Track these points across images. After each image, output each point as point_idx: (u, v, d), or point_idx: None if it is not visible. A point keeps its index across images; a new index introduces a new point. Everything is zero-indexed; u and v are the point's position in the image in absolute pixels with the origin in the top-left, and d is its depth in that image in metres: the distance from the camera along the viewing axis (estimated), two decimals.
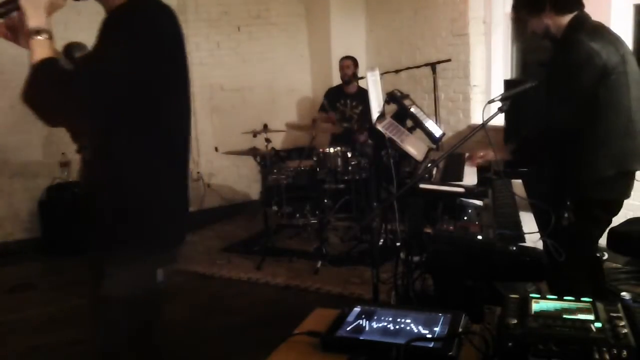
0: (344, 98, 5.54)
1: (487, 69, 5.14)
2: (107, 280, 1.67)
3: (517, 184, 2.78)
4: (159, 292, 1.78)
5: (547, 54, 2.70)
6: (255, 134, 4.73)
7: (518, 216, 2.24)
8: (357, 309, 1.46)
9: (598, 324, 1.17)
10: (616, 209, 2.60)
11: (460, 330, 1.30)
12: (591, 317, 1.21)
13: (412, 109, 3.16)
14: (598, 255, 2.86)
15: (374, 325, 1.37)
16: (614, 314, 1.21)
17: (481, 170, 2.72)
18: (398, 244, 2.81)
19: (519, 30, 2.66)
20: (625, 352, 1.09)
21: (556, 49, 2.60)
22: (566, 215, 2.37)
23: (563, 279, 2.49)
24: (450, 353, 1.22)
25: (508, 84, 4.30)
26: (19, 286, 4.30)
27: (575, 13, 2.52)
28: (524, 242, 1.91)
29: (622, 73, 2.42)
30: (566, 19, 2.52)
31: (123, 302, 1.66)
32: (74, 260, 4.77)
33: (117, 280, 1.66)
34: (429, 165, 2.42)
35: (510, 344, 1.15)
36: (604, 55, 2.38)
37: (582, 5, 2.54)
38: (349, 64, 5.48)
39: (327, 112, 5.56)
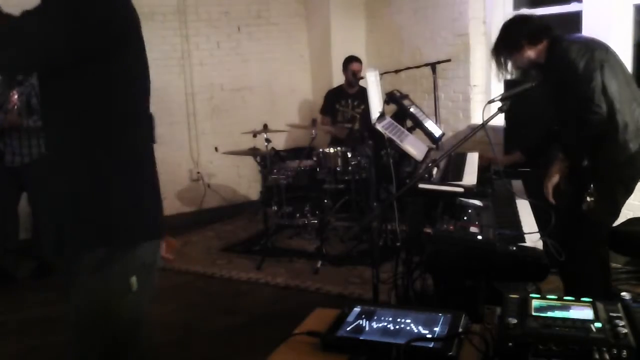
0: (345, 99, 5.52)
1: (487, 69, 5.13)
2: (75, 288, 1.50)
3: (517, 184, 2.79)
4: (137, 302, 1.53)
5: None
6: (255, 134, 4.73)
7: (518, 216, 2.24)
8: (357, 309, 1.46)
9: (598, 324, 1.17)
10: (633, 186, 2.74)
11: (460, 330, 1.30)
12: (591, 317, 1.21)
13: (412, 109, 3.16)
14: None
15: (374, 325, 1.37)
16: (614, 314, 1.21)
17: (481, 170, 2.73)
18: (398, 244, 2.81)
19: (500, 69, 2.87)
20: (625, 352, 1.09)
21: (547, 70, 2.76)
22: (588, 199, 2.49)
23: (577, 277, 2.58)
24: (450, 353, 1.22)
25: (508, 84, 4.30)
26: (18, 286, 4.30)
27: (549, 38, 2.72)
28: (524, 242, 1.91)
29: (611, 60, 2.62)
30: (544, 45, 2.72)
31: (93, 314, 1.49)
32: None
33: (85, 287, 1.49)
34: (430, 165, 2.42)
35: (510, 344, 1.15)
36: (590, 50, 2.58)
37: (553, 30, 2.75)
38: (360, 68, 5.39)
39: (326, 116, 5.56)
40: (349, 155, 4.59)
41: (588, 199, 2.57)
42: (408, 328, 1.34)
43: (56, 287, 4.21)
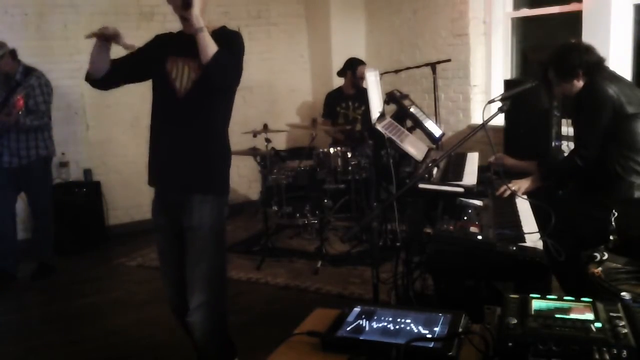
0: (345, 101, 5.50)
1: (487, 69, 5.14)
2: (197, 214, 2.36)
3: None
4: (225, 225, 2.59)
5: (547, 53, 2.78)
6: (255, 134, 4.73)
7: (518, 216, 2.24)
8: (357, 309, 1.46)
9: (598, 324, 1.17)
10: None
11: (460, 330, 1.30)
12: (591, 317, 1.21)
13: (412, 109, 3.16)
14: None
15: (374, 325, 1.37)
16: (614, 314, 1.21)
17: (481, 170, 2.73)
18: (398, 244, 2.81)
19: (548, 88, 2.87)
20: (625, 352, 1.09)
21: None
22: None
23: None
24: (450, 353, 1.22)
25: (508, 84, 4.30)
26: (18, 286, 4.30)
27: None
28: (524, 242, 1.91)
29: None
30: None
31: (212, 229, 2.40)
32: (73, 260, 4.78)
33: (206, 213, 2.38)
34: (430, 165, 2.43)
35: (510, 344, 1.15)
36: (621, 98, 2.53)
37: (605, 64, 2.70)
38: (364, 70, 5.36)
39: (328, 120, 5.55)
40: (349, 155, 4.59)
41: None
42: (408, 328, 1.34)
43: (56, 287, 4.24)
